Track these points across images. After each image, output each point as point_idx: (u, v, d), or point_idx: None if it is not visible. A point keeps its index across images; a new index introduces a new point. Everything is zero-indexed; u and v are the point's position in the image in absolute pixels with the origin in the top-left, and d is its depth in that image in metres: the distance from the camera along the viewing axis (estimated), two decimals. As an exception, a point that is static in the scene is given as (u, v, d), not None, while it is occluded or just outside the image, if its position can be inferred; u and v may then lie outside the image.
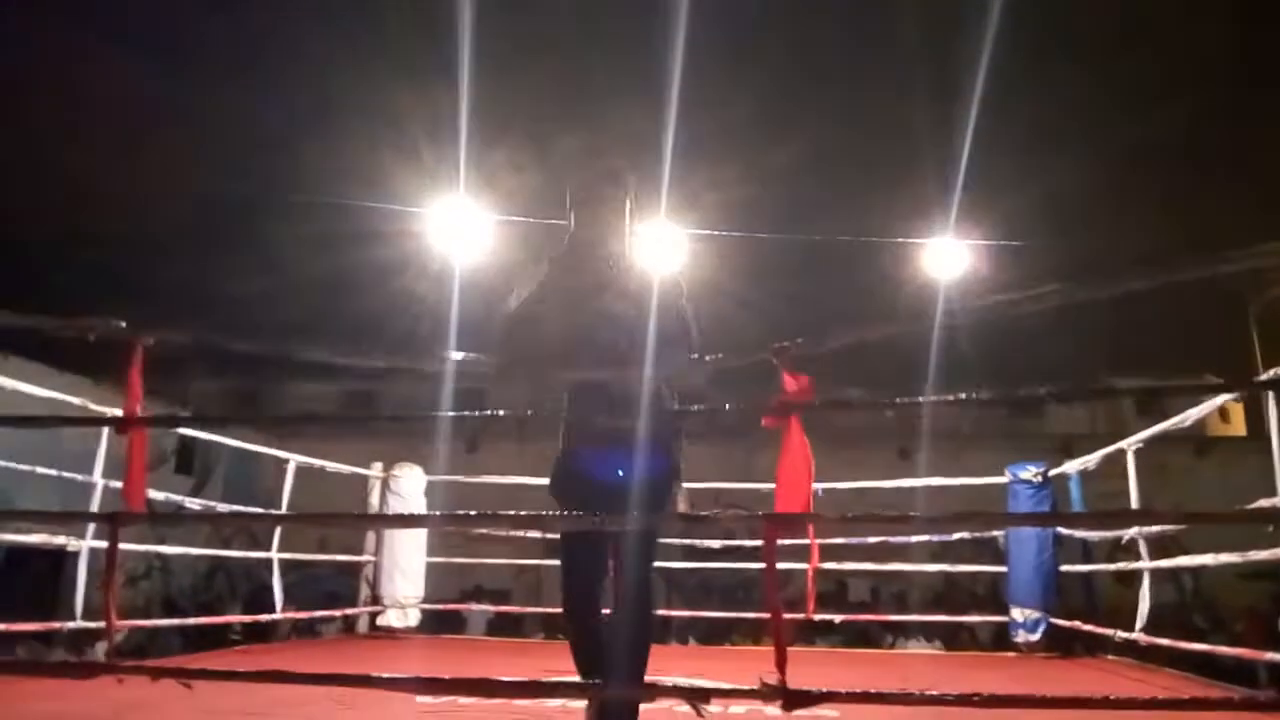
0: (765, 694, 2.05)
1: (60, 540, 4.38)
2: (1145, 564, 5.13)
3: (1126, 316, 16.58)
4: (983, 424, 17.54)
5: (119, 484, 4.31)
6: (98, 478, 4.63)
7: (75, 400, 4.92)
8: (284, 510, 6.01)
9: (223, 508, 7.26)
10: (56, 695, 3.35)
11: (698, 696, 2.06)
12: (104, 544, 4.36)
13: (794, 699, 2.01)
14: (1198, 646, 4.90)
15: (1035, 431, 16.42)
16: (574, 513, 2.62)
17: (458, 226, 5.33)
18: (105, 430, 4.73)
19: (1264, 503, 3.66)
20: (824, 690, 2.07)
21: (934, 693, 2.29)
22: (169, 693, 2.53)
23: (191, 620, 5.37)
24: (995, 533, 6.88)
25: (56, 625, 4.75)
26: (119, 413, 3.87)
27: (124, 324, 2.62)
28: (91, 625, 4.21)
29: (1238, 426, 16.65)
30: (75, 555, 4.67)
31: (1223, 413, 18.23)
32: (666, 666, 2.52)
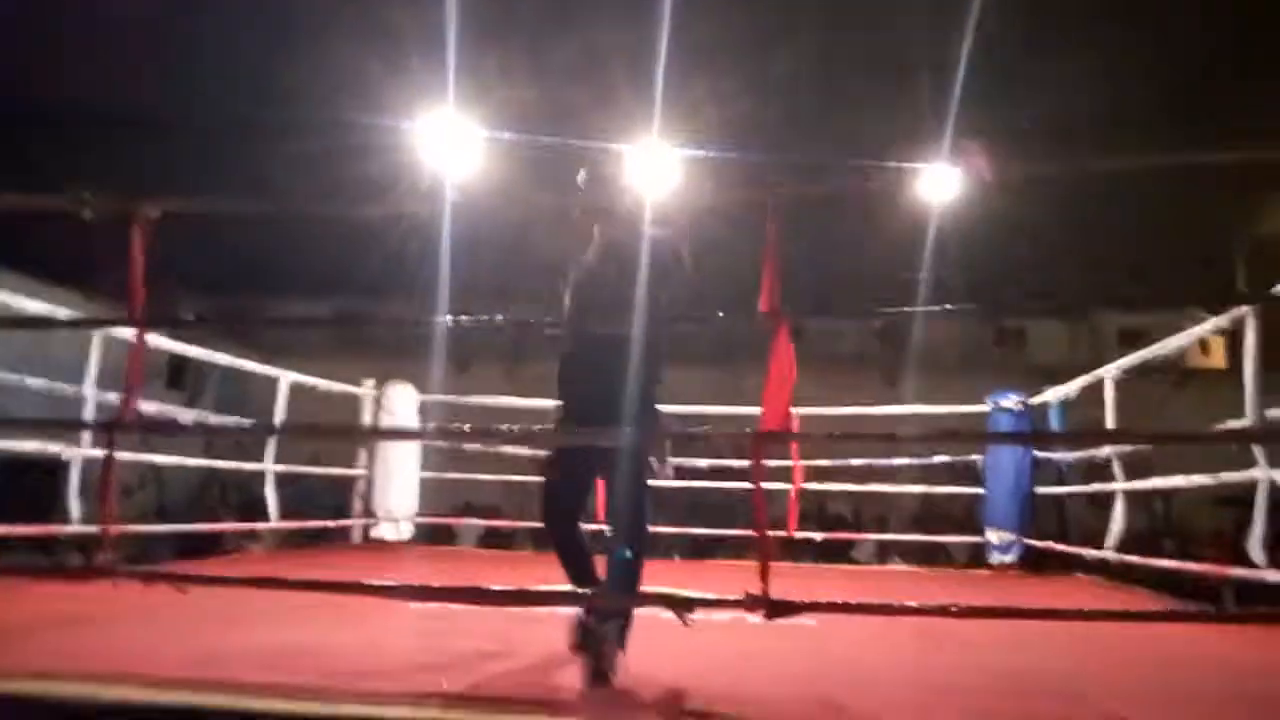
0: (749, 604, 2.15)
1: (55, 449, 4.41)
2: (1119, 485, 5.27)
3: (1116, 253, 16.60)
4: (967, 355, 17.69)
5: (112, 395, 4.36)
6: (89, 389, 4.65)
7: (65, 312, 4.92)
8: (278, 419, 6.06)
9: (216, 421, 7.33)
10: (55, 598, 3.45)
11: (683, 606, 2.15)
12: (99, 453, 4.42)
13: (777, 608, 2.11)
14: (1166, 563, 5.08)
15: (1018, 364, 16.61)
16: (569, 416, 2.75)
17: (448, 140, 5.25)
18: (96, 339, 4.74)
19: (1233, 423, 3.76)
20: (805, 601, 2.16)
21: (912, 604, 2.40)
22: (164, 597, 2.61)
23: (187, 526, 5.46)
24: (974, 457, 7.03)
25: (55, 530, 4.83)
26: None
27: (122, 198, 2.56)
28: (89, 529, 4.29)
29: (1217, 359, 16.84)
30: (70, 467, 4.72)
31: (1203, 345, 18.42)
32: (653, 580, 2.63)
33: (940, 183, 5.85)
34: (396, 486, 7.00)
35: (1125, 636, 3.26)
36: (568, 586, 2.65)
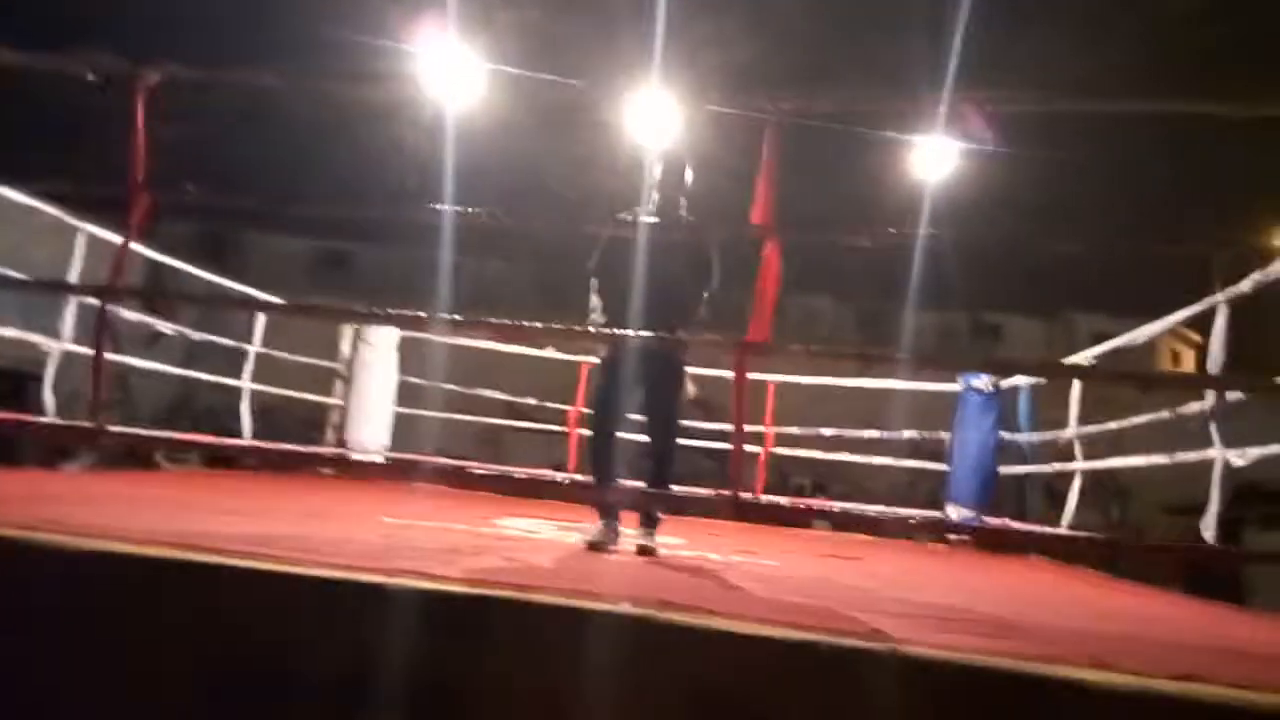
0: (718, 503, 2.24)
1: (35, 338, 4.40)
2: (1078, 465, 5.43)
3: (1095, 261, 16.82)
4: (944, 346, 17.94)
5: (93, 301, 4.34)
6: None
7: (51, 211, 4.88)
8: (256, 345, 6.07)
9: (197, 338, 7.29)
10: (39, 483, 3.47)
11: (659, 502, 2.24)
12: (81, 349, 4.43)
13: (743, 507, 2.20)
14: (1115, 538, 5.24)
15: (991, 354, 16.91)
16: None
17: (449, 69, 5.22)
18: (79, 242, 4.72)
19: (1195, 406, 3.89)
20: (770, 501, 2.26)
21: (870, 512, 2.50)
22: (145, 491, 2.66)
23: (161, 433, 5.44)
24: (942, 435, 7.18)
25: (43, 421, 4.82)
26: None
27: (125, 60, 2.56)
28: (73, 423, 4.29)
29: (1187, 368, 17.20)
30: (49, 362, 4.71)
31: (1174, 356, 18.74)
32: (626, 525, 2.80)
33: (938, 155, 5.90)
34: (370, 419, 7.04)
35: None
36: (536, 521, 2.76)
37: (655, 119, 3.82)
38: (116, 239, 4.89)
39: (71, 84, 2.74)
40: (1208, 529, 3.94)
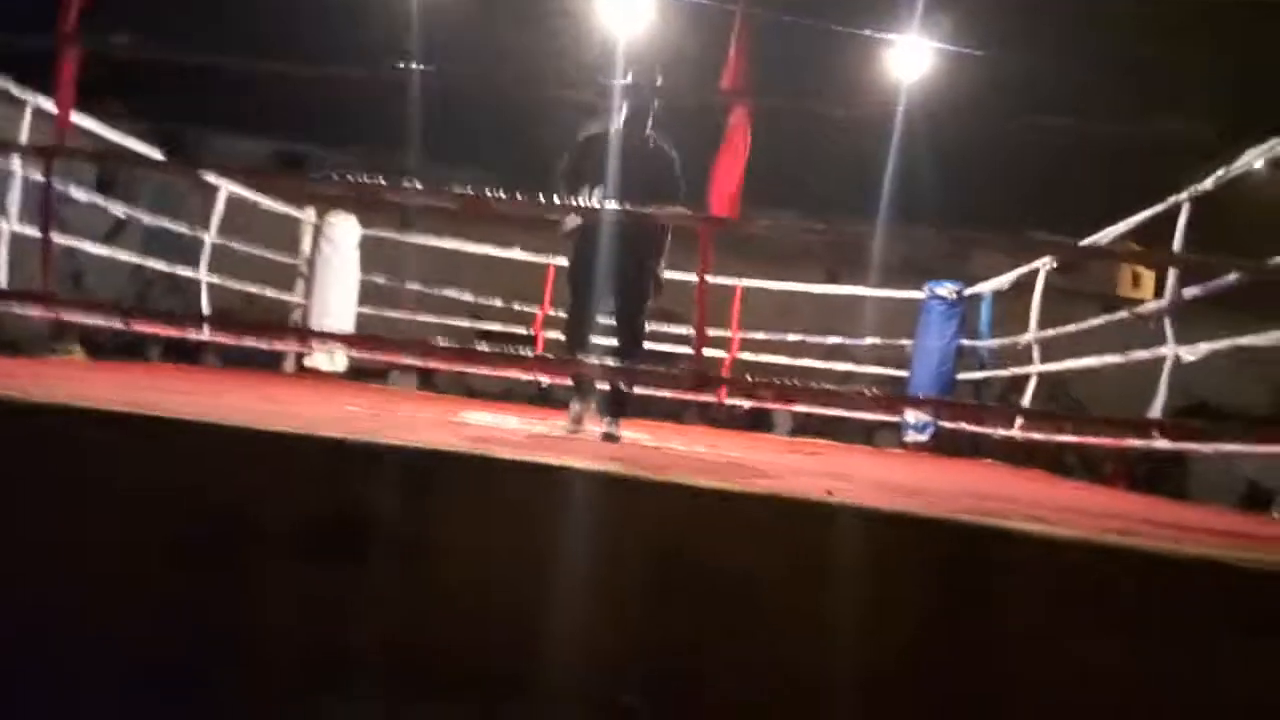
0: (681, 377, 2.24)
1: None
2: (1034, 368, 5.54)
3: (1061, 175, 16.82)
4: (910, 259, 18.04)
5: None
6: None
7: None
8: (212, 233, 5.91)
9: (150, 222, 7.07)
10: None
11: (624, 375, 2.24)
12: (29, 230, 4.27)
13: (701, 380, 2.20)
14: (1063, 439, 5.40)
15: (959, 272, 17.05)
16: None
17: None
18: (27, 115, 4.50)
19: (1150, 306, 3.96)
20: (725, 376, 2.26)
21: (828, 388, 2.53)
22: (101, 377, 2.59)
23: (113, 323, 5.32)
24: (904, 342, 7.27)
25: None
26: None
27: None
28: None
29: (1146, 292, 17.48)
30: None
31: (1135, 277, 19.02)
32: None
33: (912, 56, 5.83)
34: (333, 317, 6.94)
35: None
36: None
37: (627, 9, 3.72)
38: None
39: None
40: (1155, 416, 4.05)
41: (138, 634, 1.76)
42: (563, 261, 7.20)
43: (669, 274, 4.19)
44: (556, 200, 3.34)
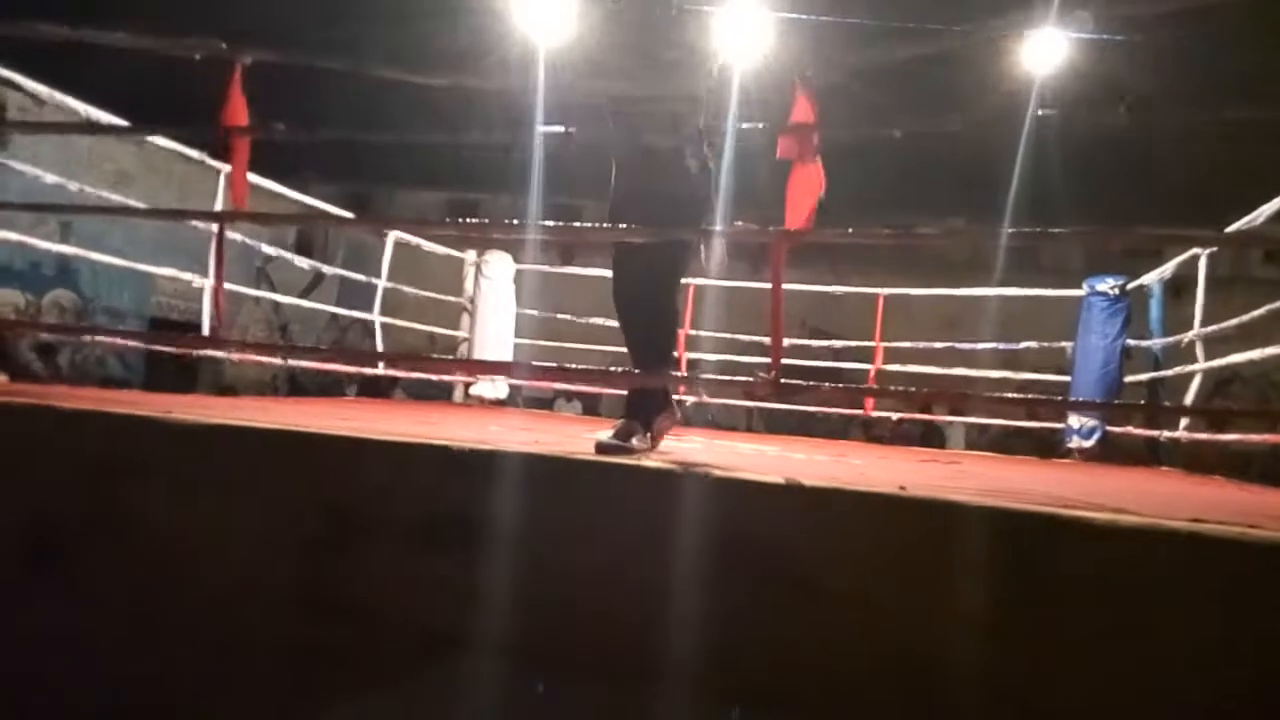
0: (758, 385, 2.38)
1: (188, 276, 4.90)
2: (1199, 365, 5.17)
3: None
4: (1061, 254, 17.08)
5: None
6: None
7: (194, 154, 5.40)
8: (383, 278, 6.58)
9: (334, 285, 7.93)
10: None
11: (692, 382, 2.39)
12: (237, 288, 4.96)
13: (785, 391, 2.32)
14: (1232, 437, 5.00)
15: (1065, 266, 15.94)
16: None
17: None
18: (221, 182, 5.24)
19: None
20: (809, 384, 2.37)
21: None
22: (290, 408, 3.03)
23: (307, 362, 6.07)
24: (1064, 344, 6.92)
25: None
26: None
27: (224, 45, 2.94)
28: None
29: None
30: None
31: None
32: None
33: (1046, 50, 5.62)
34: (492, 348, 7.48)
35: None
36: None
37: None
38: (269, 184, 5.43)
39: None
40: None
41: (284, 613, 2.11)
42: (702, 281, 7.46)
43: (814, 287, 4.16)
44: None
